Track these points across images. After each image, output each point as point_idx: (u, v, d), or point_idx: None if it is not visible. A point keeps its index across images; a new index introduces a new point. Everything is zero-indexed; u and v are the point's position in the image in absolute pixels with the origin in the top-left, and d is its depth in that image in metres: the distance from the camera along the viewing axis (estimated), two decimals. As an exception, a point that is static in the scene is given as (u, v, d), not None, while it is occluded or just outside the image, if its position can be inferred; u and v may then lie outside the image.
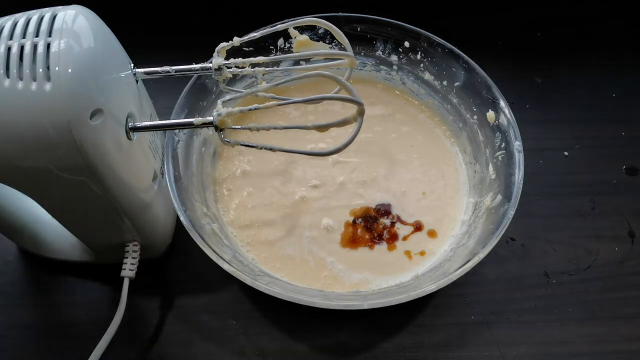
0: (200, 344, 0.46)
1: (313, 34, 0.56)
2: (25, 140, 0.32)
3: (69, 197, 0.38)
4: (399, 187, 0.52)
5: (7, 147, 0.33)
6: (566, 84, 0.65)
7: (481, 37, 0.68)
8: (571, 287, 0.49)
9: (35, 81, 0.32)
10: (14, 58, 0.32)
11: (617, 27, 0.71)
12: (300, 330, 0.46)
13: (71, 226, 0.42)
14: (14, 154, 0.33)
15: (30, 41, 0.33)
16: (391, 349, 0.46)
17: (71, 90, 0.32)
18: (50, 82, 0.31)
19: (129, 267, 0.44)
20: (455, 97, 0.54)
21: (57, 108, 0.32)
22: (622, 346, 0.46)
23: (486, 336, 0.46)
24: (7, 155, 0.33)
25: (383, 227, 0.49)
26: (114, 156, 0.36)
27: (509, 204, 0.43)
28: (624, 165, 0.58)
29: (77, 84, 0.32)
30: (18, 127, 0.32)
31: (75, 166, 0.34)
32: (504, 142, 0.48)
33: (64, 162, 0.34)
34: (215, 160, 0.53)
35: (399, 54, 0.56)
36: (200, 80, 0.50)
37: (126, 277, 0.44)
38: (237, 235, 0.49)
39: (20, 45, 0.32)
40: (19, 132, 0.32)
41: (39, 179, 0.35)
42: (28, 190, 0.37)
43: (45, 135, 0.32)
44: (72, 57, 0.32)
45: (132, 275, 0.45)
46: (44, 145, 0.33)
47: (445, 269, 0.43)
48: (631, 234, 0.53)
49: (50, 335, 0.46)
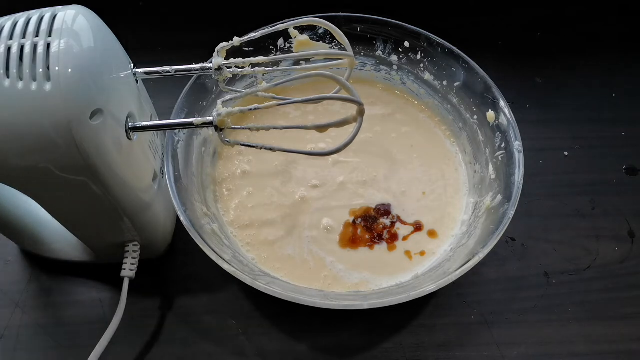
0: (200, 344, 0.46)
1: (313, 34, 0.56)
2: (25, 140, 0.32)
3: (69, 197, 0.38)
4: (399, 187, 0.52)
5: (7, 147, 0.33)
6: (566, 84, 0.65)
7: (481, 37, 0.68)
8: (571, 287, 0.49)
9: (35, 81, 0.31)
10: (14, 58, 0.32)
11: (617, 27, 0.71)
12: (300, 330, 0.46)
13: (71, 226, 0.42)
14: (14, 153, 0.33)
15: (30, 41, 0.32)
16: (391, 349, 0.46)
17: (71, 90, 0.32)
18: (50, 82, 0.31)
19: (129, 267, 0.45)
20: (455, 97, 0.54)
21: (57, 108, 0.32)
22: (622, 346, 0.46)
23: (486, 336, 0.46)
24: (7, 155, 0.33)
25: (383, 227, 0.49)
26: (114, 156, 0.36)
27: (509, 204, 0.43)
28: (624, 165, 0.58)
29: (77, 84, 0.32)
30: (18, 127, 0.32)
31: (75, 166, 0.34)
32: (504, 142, 0.48)
33: (64, 162, 0.34)
34: (215, 160, 0.53)
35: (399, 54, 0.56)
36: (200, 80, 0.50)
37: (126, 277, 0.44)
38: (237, 235, 0.49)
39: (20, 45, 0.32)
40: (19, 132, 0.32)
41: (39, 179, 0.35)
42: (28, 190, 0.37)
43: (45, 135, 0.32)
44: (72, 57, 0.32)
45: (132, 276, 0.45)
46: (44, 145, 0.33)
47: (446, 269, 0.43)
48: (631, 234, 0.53)
49: (50, 336, 0.46)
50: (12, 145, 0.33)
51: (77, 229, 0.43)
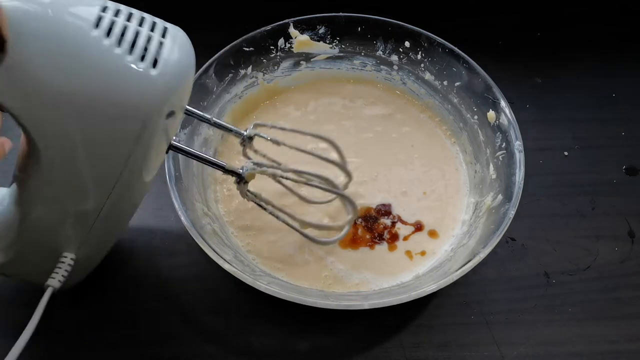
0: (201, 344, 0.46)
1: (313, 34, 0.56)
2: (104, 101, 0.32)
3: (78, 169, 0.36)
4: (399, 187, 0.52)
5: (85, 101, 0.32)
6: (566, 84, 0.65)
7: (481, 37, 0.68)
8: (571, 287, 0.49)
9: (142, 62, 0.33)
10: (130, 34, 0.33)
11: (617, 27, 0.71)
12: (300, 330, 0.46)
13: (36, 210, 0.39)
14: (89, 109, 0.33)
15: (145, 30, 0.34)
16: (391, 349, 0.46)
17: (171, 84, 0.34)
18: (156, 69, 0.33)
19: (58, 278, 0.40)
20: (455, 97, 0.54)
21: (154, 92, 0.33)
22: (622, 346, 0.46)
23: (486, 336, 0.46)
24: (84, 106, 0.33)
25: (384, 227, 0.49)
26: (151, 160, 0.37)
27: (510, 204, 0.43)
28: (624, 165, 0.58)
29: (176, 82, 0.34)
30: (110, 90, 0.32)
31: (121, 146, 0.35)
32: (504, 142, 0.48)
33: (117, 137, 0.34)
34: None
35: (399, 54, 0.56)
36: (201, 80, 0.50)
37: (51, 286, 0.39)
38: (238, 235, 0.49)
39: (135, 30, 0.33)
40: (106, 93, 0.32)
41: (75, 136, 0.34)
42: (57, 134, 0.34)
43: (125, 107, 0.33)
44: (178, 60, 0.34)
45: (57, 286, 0.39)
46: (117, 113, 0.33)
47: (446, 269, 0.43)
48: (631, 234, 0.53)
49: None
50: (91, 101, 0.32)
51: (37, 214, 0.39)
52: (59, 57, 0.31)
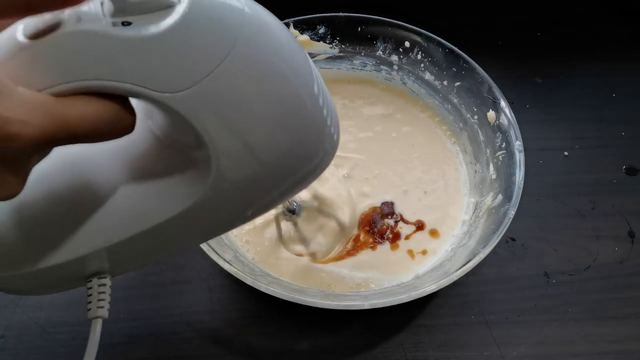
0: (201, 344, 0.46)
1: (313, 34, 0.56)
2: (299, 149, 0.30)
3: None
4: (400, 187, 0.52)
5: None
6: (566, 84, 0.65)
7: (481, 37, 0.68)
8: (571, 287, 0.49)
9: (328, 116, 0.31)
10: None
11: (617, 27, 0.71)
12: (300, 330, 0.46)
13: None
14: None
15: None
16: (391, 349, 0.46)
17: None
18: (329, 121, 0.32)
19: (101, 305, 0.31)
20: (455, 97, 0.54)
21: (331, 146, 0.32)
22: (622, 346, 0.46)
23: (486, 336, 0.46)
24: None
25: (386, 226, 0.49)
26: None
27: (510, 203, 0.43)
28: (624, 165, 0.58)
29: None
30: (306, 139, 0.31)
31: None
32: (504, 142, 0.48)
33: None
34: (215, 160, 0.53)
35: (399, 54, 0.56)
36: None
37: (100, 317, 0.31)
38: (237, 234, 0.49)
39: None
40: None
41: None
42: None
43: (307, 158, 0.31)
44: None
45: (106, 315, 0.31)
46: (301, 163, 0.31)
47: (446, 269, 0.43)
48: (631, 234, 0.53)
49: (48, 335, 0.46)
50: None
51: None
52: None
